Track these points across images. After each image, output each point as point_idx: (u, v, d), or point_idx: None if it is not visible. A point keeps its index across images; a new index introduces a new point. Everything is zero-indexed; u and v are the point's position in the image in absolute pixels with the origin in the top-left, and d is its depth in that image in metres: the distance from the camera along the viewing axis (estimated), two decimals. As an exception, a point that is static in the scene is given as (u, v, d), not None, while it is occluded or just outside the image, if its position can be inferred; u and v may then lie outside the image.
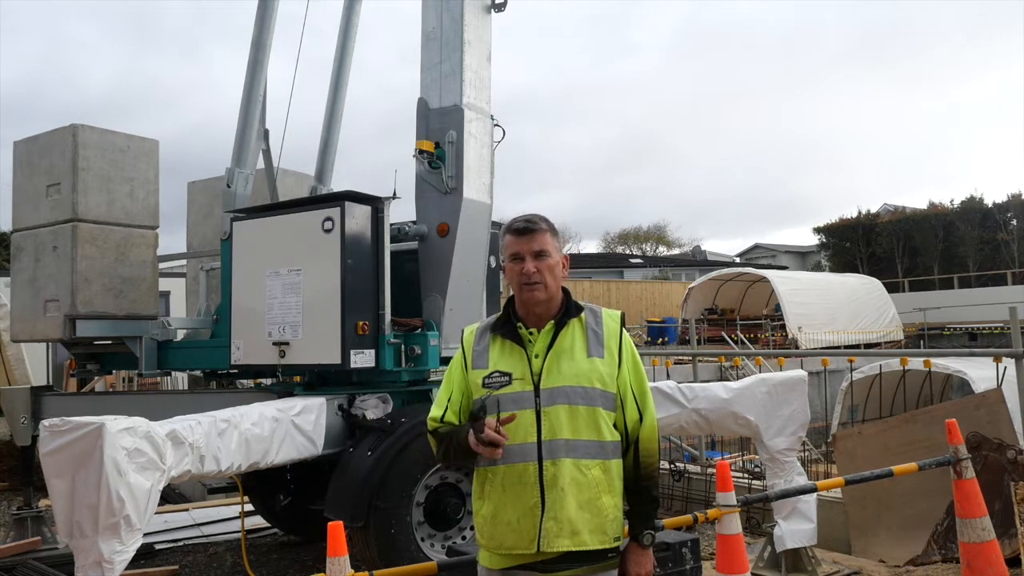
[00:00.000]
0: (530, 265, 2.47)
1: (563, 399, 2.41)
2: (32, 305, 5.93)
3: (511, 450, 2.40)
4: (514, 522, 2.40)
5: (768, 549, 5.32)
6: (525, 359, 2.47)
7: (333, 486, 4.86)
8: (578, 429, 2.40)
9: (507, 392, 2.44)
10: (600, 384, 2.44)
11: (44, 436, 3.55)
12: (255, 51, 6.21)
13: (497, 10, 6.00)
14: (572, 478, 2.38)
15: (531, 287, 2.47)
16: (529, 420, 2.40)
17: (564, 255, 2.59)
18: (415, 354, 5.34)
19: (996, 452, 5.34)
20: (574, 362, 2.45)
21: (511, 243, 2.51)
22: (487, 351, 2.53)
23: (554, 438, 2.39)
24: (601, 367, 2.46)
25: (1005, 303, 8.04)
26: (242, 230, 5.54)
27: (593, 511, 2.39)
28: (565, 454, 2.39)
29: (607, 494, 2.42)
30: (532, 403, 2.41)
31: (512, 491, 2.41)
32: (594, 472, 2.40)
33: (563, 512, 2.36)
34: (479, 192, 5.71)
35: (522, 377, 2.44)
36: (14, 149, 6.15)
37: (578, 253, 52.89)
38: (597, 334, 2.51)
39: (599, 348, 2.48)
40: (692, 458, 8.79)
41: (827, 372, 8.82)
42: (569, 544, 2.37)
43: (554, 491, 2.37)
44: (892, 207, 46.29)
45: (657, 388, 5.40)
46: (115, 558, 3.40)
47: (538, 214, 2.57)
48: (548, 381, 2.43)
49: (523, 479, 2.40)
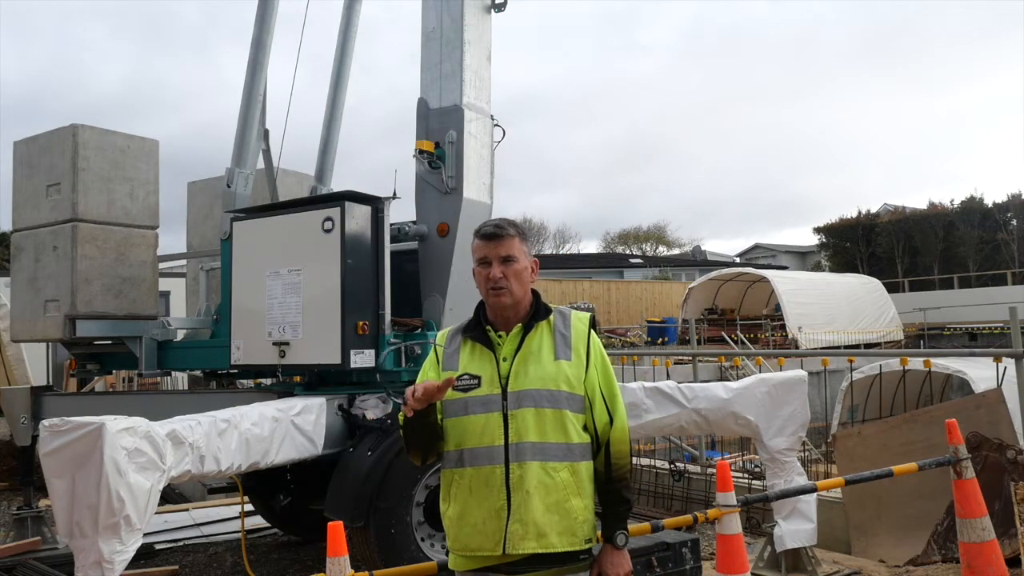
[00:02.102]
0: (496, 270, 2.48)
1: (530, 402, 2.42)
2: (32, 305, 5.93)
3: (478, 453, 2.43)
4: (480, 524, 2.41)
5: (768, 549, 5.32)
6: (494, 362, 2.48)
7: (333, 486, 4.86)
8: (545, 432, 2.41)
9: (475, 395, 2.46)
10: (567, 387, 2.45)
11: (44, 436, 3.54)
12: (255, 51, 6.21)
13: (497, 10, 6.00)
14: (539, 481, 2.38)
15: (497, 292, 2.48)
16: (496, 423, 2.42)
17: (533, 260, 2.61)
18: (415, 354, 5.35)
19: (996, 452, 5.34)
20: (541, 365, 2.45)
21: (479, 247, 2.53)
22: (457, 353, 2.56)
23: (521, 441, 2.40)
24: (568, 370, 2.46)
25: (1005, 303, 8.04)
26: (242, 230, 5.54)
27: (562, 513, 2.39)
28: (531, 457, 2.39)
29: (576, 496, 2.41)
30: (500, 406, 2.43)
31: (479, 493, 2.42)
32: (562, 475, 2.40)
33: (528, 514, 2.37)
34: (479, 192, 5.72)
35: (490, 380, 2.46)
36: (14, 149, 6.15)
37: (578, 253, 52.91)
38: (565, 337, 2.52)
39: (566, 351, 2.49)
40: (692, 458, 8.79)
41: (827, 372, 8.81)
42: (535, 546, 2.37)
43: (519, 493, 2.38)
44: (892, 207, 46.28)
45: (657, 388, 5.40)
46: (115, 558, 3.40)
47: (508, 219, 2.59)
48: (515, 384, 2.44)
49: (490, 482, 2.41)
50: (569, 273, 35.66)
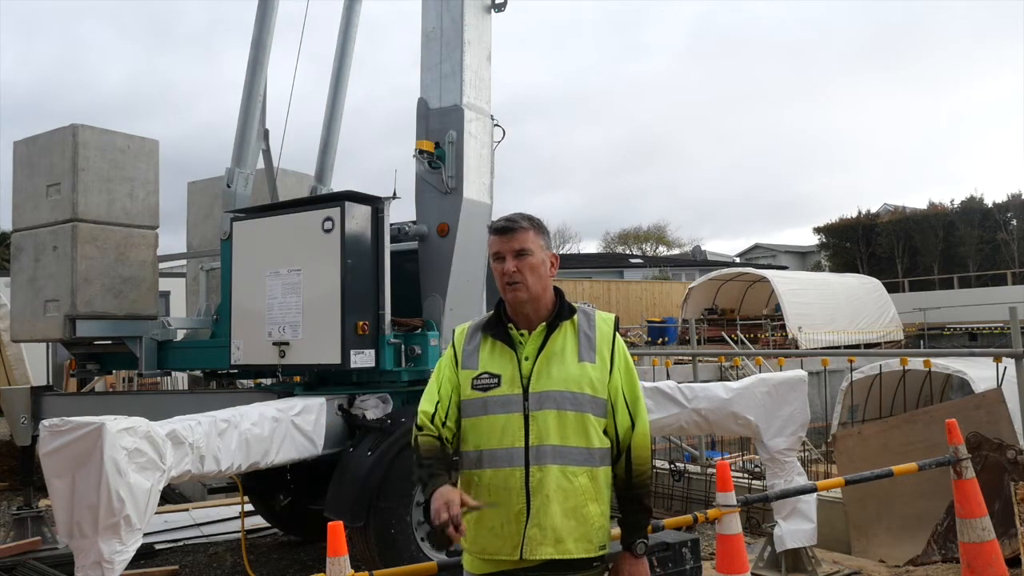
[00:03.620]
0: (510, 264, 2.42)
1: (552, 404, 2.35)
2: (32, 305, 5.93)
3: (497, 454, 2.37)
4: (498, 528, 2.36)
5: (768, 549, 5.32)
6: (515, 361, 2.41)
7: (333, 486, 4.85)
8: (566, 435, 2.35)
9: (495, 395, 2.39)
10: (590, 390, 2.38)
11: (44, 436, 3.54)
12: (255, 51, 6.21)
13: (497, 10, 6.00)
14: (558, 485, 2.33)
15: (512, 287, 2.42)
16: (517, 424, 2.36)
17: (552, 253, 2.52)
18: (415, 354, 5.35)
19: (996, 452, 5.34)
20: (564, 366, 2.38)
21: (492, 243, 2.47)
22: (477, 351, 2.48)
23: (542, 444, 2.34)
24: (592, 372, 2.39)
25: (1005, 303, 8.05)
26: (242, 230, 5.54)
27: (579, 519, 2.34)
28: (552, 460, 2.33)
29: (594, 502, 2.36)
30: (520, 407, 2.37)
31: (497, 496, 2.37)
32: (581, 479, 2.34)
33: (547, 519, 2.32)
34: (479, 192, 5.72)
35: (511, 380, 2.40)
36: (14, 149, 6.15)
37: (578, 253, 52.87)
38: (589, 338, 2.44)
39: (591, 353, 2.42)
40: (692, 458, 8.79)
41: (827, 372, 8.83)
42: (552, 552, 2.32)
43: (539, 498, 2.32)
44: (892, 207, 46.29)
45: (657, 388, 5.41)
46: (115, 558, 3.40)
47: (522, 213, 2.51)
48: (537, 385, 2.37)
49: (509, 484, 2.35)
50: (569, 273, 35.63)
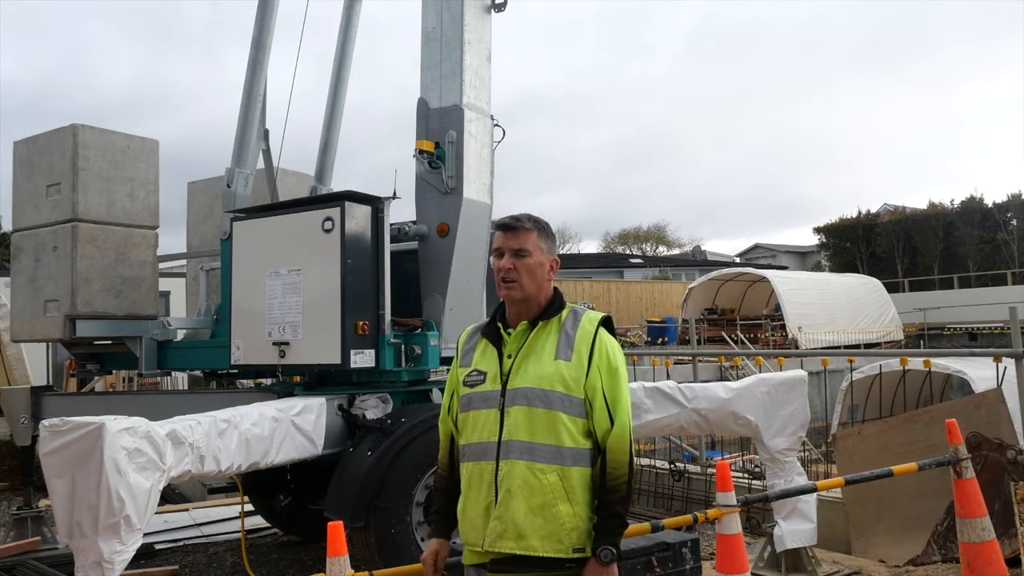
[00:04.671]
0: (507, 262, 2.47)
1: (523, 400, 2.39)
2: (32, 305, 5.93)
3: (476, 448, 2.45)
4: (474, 519, 2.44)
5: (768, 549, 5.32)
6: (499, 359, 2.49)
7: (333, 486, 4.85)
8: (535, 432, 2.37)
9: (479, 391, 2.48)
10: (563, 388, 2.38)
11: (44, 436, 3.54)
12: (255, 51, 6.20)
13: (497, 10, 6.00)
14: (524, 481, 2.35)
15: (507, 285, 2.47)
16: (493, 419, 2.42)
17: (553, 258, 2.56)
18: (415, 354, 5.34)
19: (996, 452, 5.34)
20: (540, 364, 2.42)
21: (496, 238, 2.54)
22: (473, 350, 2.59)
23: (511, 439, 2.39)
24: (565, 370, 2.40)
25: (1005, 303, 8.04)
26: (242, 230, 5.54)
27: (547, 517, 2.33)
28: (519, 456, 2.36)
29: (564, 502, 2.34)
30: (497, 402, 2.43)
31: (474, 488, 2.45)
32: (550, 478, 2.34)
33: (508, 514, 2.35)
34: (479, 192, 5.71)
35: (494, 376, 2.47)
36: (14, 149, 6.14)
37: (578, 253, 52.84)
38: (569, 336, 2.45)
39: (568, 351, 2.43)
40: (692, 458, 8.79)
41: (827, 372, 8.82)
42: (514, 547, 2.34)
43: (502, 491, 2.37)
44: (892, 207, 46.30)
45: (657, 388, 5.41)
46: (115, 558, 3.40)
47: (530, 214, 2.55)
48: (514, 382, 2.43)
49: (482, 477, 2.43)
50: (569, 273, 35.64)
